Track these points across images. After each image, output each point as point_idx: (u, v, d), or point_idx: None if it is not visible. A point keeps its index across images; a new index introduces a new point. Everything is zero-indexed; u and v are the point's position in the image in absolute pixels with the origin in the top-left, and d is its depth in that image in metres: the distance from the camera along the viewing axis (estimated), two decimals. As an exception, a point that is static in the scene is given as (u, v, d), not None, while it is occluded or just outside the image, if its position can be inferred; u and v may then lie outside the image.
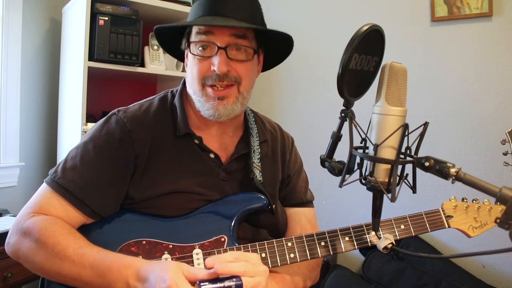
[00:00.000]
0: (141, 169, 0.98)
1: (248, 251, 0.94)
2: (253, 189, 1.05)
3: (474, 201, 1.01)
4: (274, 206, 1.04)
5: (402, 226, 0.99)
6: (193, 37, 0.98)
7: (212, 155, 1.04)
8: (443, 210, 1.00)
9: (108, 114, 1.04)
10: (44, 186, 0.95)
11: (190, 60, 1.00)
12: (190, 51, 0.99)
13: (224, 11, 0.94)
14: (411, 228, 0.98)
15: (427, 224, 0.99)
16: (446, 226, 0.99)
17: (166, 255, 0.93)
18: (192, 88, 1.00)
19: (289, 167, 1.18)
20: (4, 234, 1.64)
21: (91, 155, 0.96)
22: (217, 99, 0.96)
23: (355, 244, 0.97)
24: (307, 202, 1.20)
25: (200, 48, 0.97)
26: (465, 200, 1.01)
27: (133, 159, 0.97)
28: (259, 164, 1.08)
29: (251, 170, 1.06)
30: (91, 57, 1.91)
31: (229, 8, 0.94)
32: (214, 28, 0.95)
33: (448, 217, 0.99)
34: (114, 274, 0.81)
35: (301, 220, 1.16)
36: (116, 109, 1.04)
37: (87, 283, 0.84)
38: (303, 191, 1.20)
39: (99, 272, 0.82)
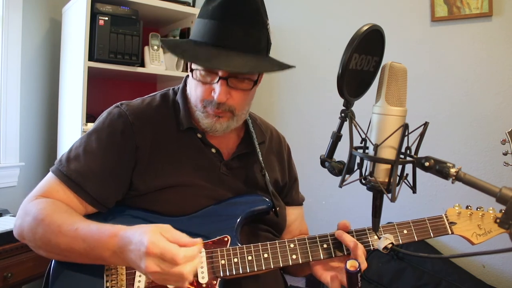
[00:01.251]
0: (144, 162, 1.00)
1: (251, 251, 0.95)
2: (256, 187, 1.07)
3: (478, 209, 1.00)
4: (278, 208, 1.05)
5: (405, 231, 0.99)
6: (194, 65, 0.98)
7: (213, 150, 1.06)
8: (446, 217, 1.00)
9: (112, 107, 1.06)
10: (49, 174, 0.99)
11: (191, 79, 1.01)
12: (192, 76, 0.99)
13: (229, 43, 0.93)
14: (414, 233, 0.99)
15: (430, 230, 0.99)
16: (450, 232, 0.98)
17: None
18: (194, 103, 1.02)
19: (285, 172, 1.20)
20: (4, 234, 1.65)
21: (94, 145, 0.99)
22: (215, 116, 0.99)
23: None
24: (299, 204, 1.25)
25: (203, 73, 0.97)
26: (469, 207, 1.01)
27: (134, 151, 1.00)
28: (263, 164, 1.09)
29: (262, 167, 1.08)
30: (91, 57, 1.91)
31: (234, 39, 0.93)
32: None
33: (452, 223, 0.99)
34: (103, 244, 0.84)
35: (294, 220, 1.21)
36: (119, 102, 1.07)
37: (82, 256, 0.87)
38: (295, 195, 1.25)
39: (90, 245, 0.85)
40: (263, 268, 0.94)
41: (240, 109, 1.00)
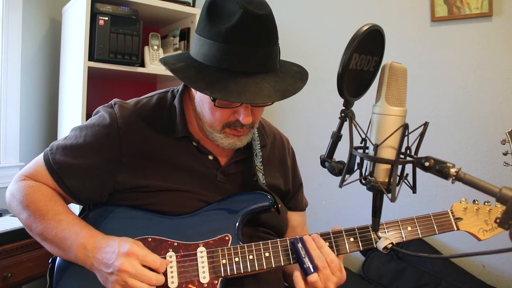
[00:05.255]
0: (132, 166, 1.00)
1: (252, 250, 0.95)
2: (256, 190, 1.06)
3: (486, 203, 0.96)
4: (280, 205, 1.05)
5: (409, 228, 0.97)
6: None
7: (210, 157, 1.05)
8: (452, 212, 0.97)
9: (106, 105, 1.08)
10: (40, 157, 1.04)
11: (208, 102, 0.95)
12: (211, 99, 0.93)
13: (252, 68, 0.88)
14: (418, 230, 0.97)
15: (435, 226, 0.96)
16: (455, 228, 0.96)
17: (171, 253, 0.94)
18: (210, 127, 0.99)
19: (288, 179, 1.18)
20: (4, 234, 1.65)
21: (80, 142, 1.02)
22: (235, 136, 0.99)
23: (360, 245, 0.97)
24: (302, 210, 1.25)
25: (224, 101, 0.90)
26: (476, 202, 0.97)
27: (119, 157, 1.00)
28: (262, 168, 1.08)
29: (254, 173, 1.06)
30: (91, 57, 1.91)
31: (257, 63, 0.88)
32: None
33: (458, 219, 0.96)
34: (79, 238, 0.91)
35: (296, 226, 1.21)
36: (114, 101, 1.07)
37: (59, 243, 0.94)
38: (299, 200, 1.24)
39: (66, 235, 0.93)
40: (264, 267, 0.94)
41: (258, 122, 1.01)
